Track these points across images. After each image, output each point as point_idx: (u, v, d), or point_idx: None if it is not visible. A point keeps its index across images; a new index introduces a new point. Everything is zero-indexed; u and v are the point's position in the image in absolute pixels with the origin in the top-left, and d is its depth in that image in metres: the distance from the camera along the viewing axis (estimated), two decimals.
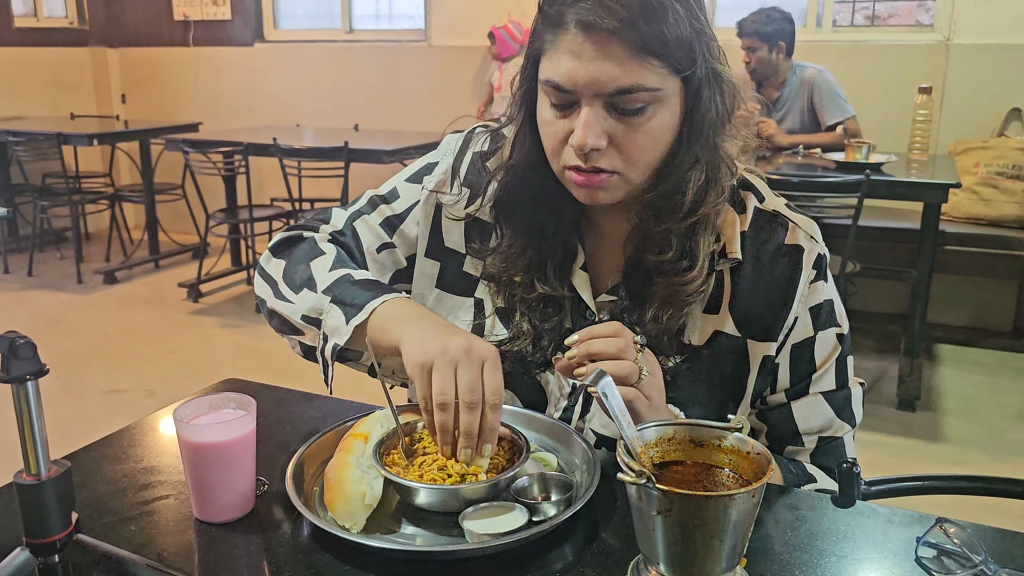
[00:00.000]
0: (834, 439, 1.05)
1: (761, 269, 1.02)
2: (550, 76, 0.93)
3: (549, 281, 1.05)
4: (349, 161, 4.32)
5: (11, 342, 0.69)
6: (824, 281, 1.03)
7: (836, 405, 1.05)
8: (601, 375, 0.79)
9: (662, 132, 0.94)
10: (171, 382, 3.67)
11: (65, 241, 6.00)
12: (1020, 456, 2.99)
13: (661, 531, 0.72)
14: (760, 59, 3.79)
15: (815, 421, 1.05)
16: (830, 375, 1.04)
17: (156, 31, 6.31)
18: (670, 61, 0.90)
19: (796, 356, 1.03)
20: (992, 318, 4.23)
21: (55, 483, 0.73)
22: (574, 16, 0.89)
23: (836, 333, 1.04)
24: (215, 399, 0.92)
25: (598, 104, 0.91)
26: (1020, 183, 3.82)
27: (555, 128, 0.95)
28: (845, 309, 1.06)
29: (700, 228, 0.99)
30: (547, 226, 1.05)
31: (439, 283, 1.14)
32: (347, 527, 0.83)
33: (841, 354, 1.04)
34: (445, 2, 5.33)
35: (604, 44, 0.89)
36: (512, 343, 1.06)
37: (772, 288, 1.01)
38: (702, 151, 0.96)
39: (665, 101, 0.92)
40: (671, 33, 0.89)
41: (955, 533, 0.82)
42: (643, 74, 0.89)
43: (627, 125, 0.92)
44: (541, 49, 0.95)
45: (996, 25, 4.06)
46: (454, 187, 1.12)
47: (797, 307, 1.01)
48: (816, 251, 1.02)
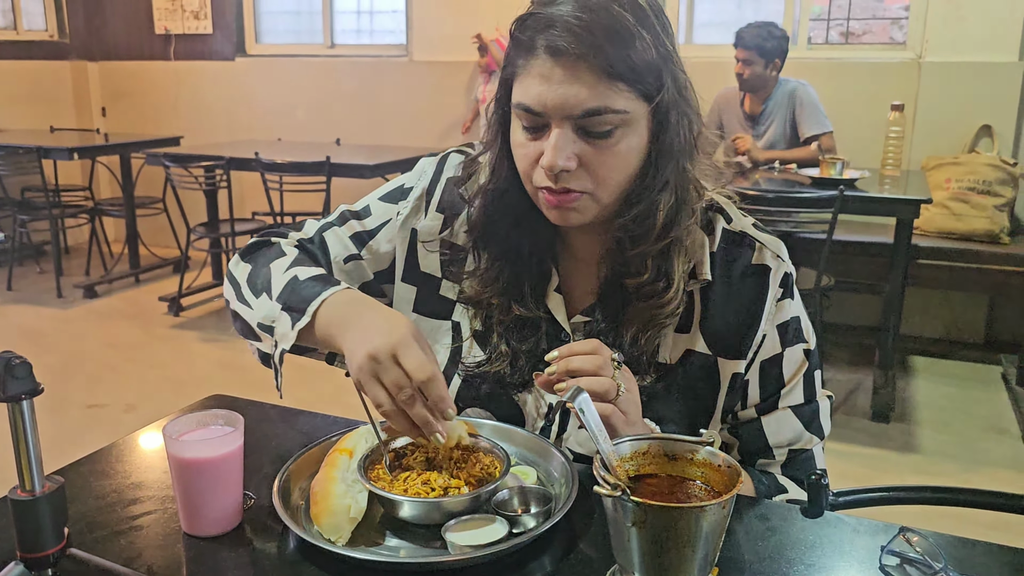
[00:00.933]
0: (804, 451, 1.09)
1: (730, 289, 1.05)
2: (521, 100, 0.96)
3: (525, 303, 1.08)
4: (331, 176, 4.34)
5: (7, 362, 0.71)
6: (791, 299, 1.06)
7: (805, 419, 1.08)
8: (579, 391, 0.82)
9: (631, 155, 0.97)
10: (152, 397, 3.67)
11: (44, 255, 5.97)
12: (990, 466, 3.05)
13: (636, 542, 0.75)
14: (755, 72, 3.85)
15: (785, 435, 1.08)
16: (798, 390, 1.08)
17: (137, 44, 6.31)
18: (638, 86, 0.94)
19: (765, 372, 1.07)
20: (964, 330, 4.31)
21: (49, 499, 0.74)
22: (544, 42, 0.93)
23: (803, 349, 1.07)
24: (203, 415, 0.94)
25: (567, 126, 0.94)
26: (990, 198, 3.90)
27: (527, 151, 0.98)
28: (820, 322, 1.11)
29: (674, 249, 1.02)
30: (523, 248, 1.08)
31: (416, 307, 1.16)
32: (333, 540, 0.86)
33: (809, 369, 1.08)
34: (426, 18, 5.38)
35: (573, 68, 0.92)
36: (490, 364, 1.09)
37: (740, 307, 1.05)
38: (671, 174, 0.99)
39: (633, 124, 0.95)
40: (638, 59, 0.93)
41: (917, 542, 0.86)
42: (611, 97, 0.93)
43: (596, 147, 0.95)
44: (513, 74, 0.99)
45: (967, 44, 4.15)
46: (428, 213, 1.15)
47: (765, 325, 1.05)
48: (783, 270, 1.05)
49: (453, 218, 1.13)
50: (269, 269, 1.08)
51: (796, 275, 1.08)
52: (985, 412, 3.52)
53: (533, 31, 0.95)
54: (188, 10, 6.05)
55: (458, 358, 1.12)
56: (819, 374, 1.10)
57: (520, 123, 0.99)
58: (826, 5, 4.80)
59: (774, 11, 4.65)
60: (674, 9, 4.82)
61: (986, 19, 4.10)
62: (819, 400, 1.09)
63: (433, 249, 1.14)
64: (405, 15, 5.48)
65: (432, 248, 1.14)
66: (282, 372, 1.02)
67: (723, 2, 4.95)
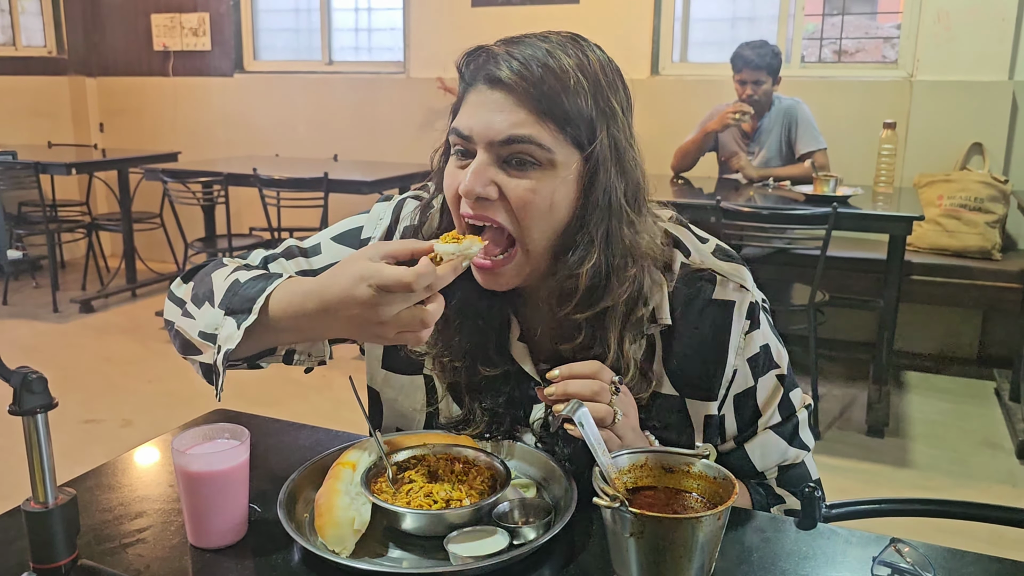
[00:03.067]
0: (794, 466, 1.10)
1: (691, 326, 1.03)
2: (455, 125, 0.98)
3: (491, 362, 1.05)
4: (328, 191, 4.37)
5: (24, 376, 0.73)
6: (758, 328, 1.04)
7: (786, 436, 1.08)
8: (579, 406, 0.85)
9: (556, 202, 0.94)
10: (149, 412, 3.67)
11: (41, 270, 5.98)
12: (984, 481, 3.07)
13: (634, 552, 0.77)
14: (765, 91, 3.88)
15: (771, 456, 1.08)
16: (776, 413, 1.08)
17: (135, 61, 6.35)
18: (568, 130, 0.93)
19: (740, 404, 1.06)
20: (957, 346, 4.34)
21: (62, 510, 0.76)
22: (483, 73, 0.95)
23: (776, 375, 1.06)
24: (209, 429, 0.96)
25: (491, 154, 0.94)
26: (982, 215, 3.95)
27: (452, 180, 0.97)
28: (814, 338, 1.12)
29: (609, 316, 0.98)
30: (480, 304, 1.04)
31: (384, 364, 1.14)
32: (337, 552, 0.88)
33: (784, 393, 1.08)
34: (424, 35, 5.43)
35: (504, 96, 0.94)
36: (469, 426, 1.07)
37: (704, 345, 1.02)
38: (598, 236, 0.95)
39: (560, 169, 0.94)
40: (571, 105, 0.93)
41: (908, 553, 0.88)
42: (538, 129, 0.92)
43: (516, 180, 0.93)
44: (458, 107, 1.00)
45: (958, 62, 4.21)
46: None
47: (734, 360, 1.03)
48: (747, 300, 1.03)
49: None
50: (210, 279, 1.05)
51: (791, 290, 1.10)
52: (978, 427, 3.54)
53: (476, 67, 0.97)
54: (187, 27, 6.10)
55: (436, 413, 1.11)
56: (796, 392, 1.09)
57: (454, 155, 0.99)
58: (819, 24, 4.87)
59: (768, 30, 4.70)
60: (669, 28, 4.88)
61: (976, 38, 4.16)
62: (798, 413, 1.09)
63: None
64: (403, 32, 5.53)
65: None
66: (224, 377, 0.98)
67: (717, 22, 5.01)
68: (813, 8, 4.76)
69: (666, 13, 4.86)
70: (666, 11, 4.85)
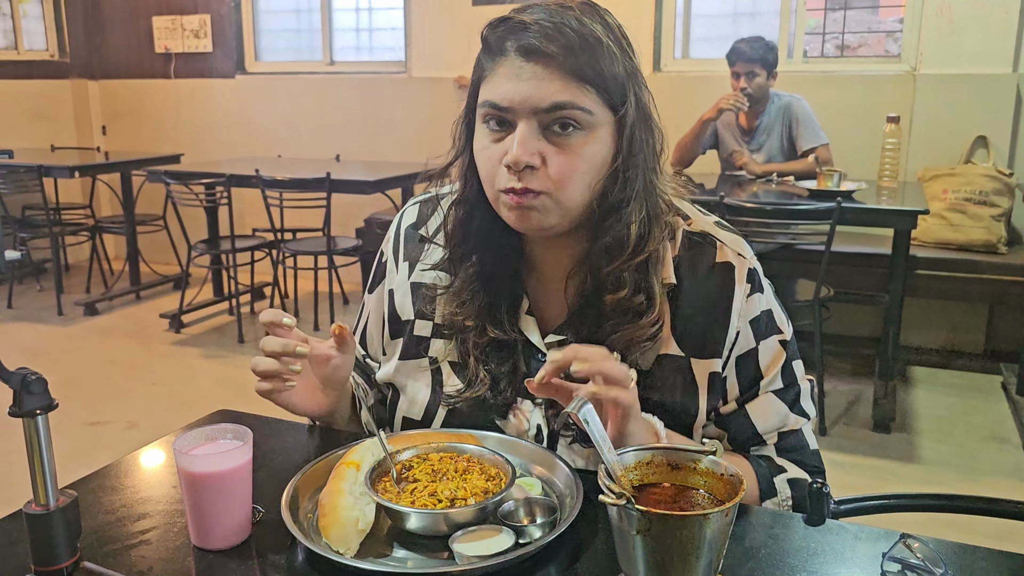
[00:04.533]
0: (793, 432, 1.09)
1: (696, 289, 1.06)
2: (489, 97, 0.98)
3: (501, 325, 1.09)
4: (331, 192, 4.36)
5: (23, 378, 0.72)
6: (760, 293, 1.07)
7: (788, 401, 1.09)
8: (583, 402, 0.84)
9: (594, 161, 0.98)
10: (154, 414, 3.67)
11: (45, 273, 5.99)
12: (991, 475, 3.06)
13: (641, 550, 0.76)
14: (759, 85, 3.88)
15: (772, 419, 1.08)
16: (778, 378, 1.09)
17: (137, 63, 6.36)
18: (603, 93, 0.97)
19: (742, 366, 1.08)
20: (963, 340, 4.32)
21: (63, 512, 0.76)
22: (515, 43, 0.97)
23: (779, 340, 1.08)
24: (212, 430, 0.95)
25: (533, 123, 0.96)
26: (987, 208, 3.93)
27: (490, 152, 0.99)
28: (819, 334, 1.12)
29: (651, 264, 1.03)
30: (495, 269, 1.09)
31: (401, 356, 1.18)
32: (341, 552, 0.87)
33: (787, 359, 1.09)
34: (425, 35, 5.42)
35: (542, 67, 0.95)
36: (470, 390, 1.09)
37: (709, 306, 1.06)
38: (640, 188, 1.01)
39: (597, 130, 0.98)
40: (606, 68, 0.96)
41: (918, 548, 0.87)
42: (577, 95, 0.95)
43: (558, 146, 0.97)
44: (481, 77, 1.01)
45: (961, 56, 4.19)
46: (399, 267, 1.19)
47: (737, 322, 1.06)
48: (746, 266, 1.07)
49: (416, 260, 1.17)
50: None
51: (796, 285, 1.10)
52: (986, 422, 3.53)
53: (504, 35, 0.98)
54: (188, 29, 6.10)
55: (439, 390, 1.13)
56: (800, 363, 1.10)
57: (485, 127, 1.00)
58: (821, 19, 4.85)
59: (770, 25, 4.69)
60: (671, 24, 4.87)
61: (980, 31, 4.14)
62: (800, 383, 1.10)
63: (406, 295, 1.17)
64: (404, 32, 5.52)
65: (405, 294, 1.17)
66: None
67: (719, 17, 4.99)
68: (815, 3, 4.74)
69: (667, 9, 4.85)
70: (667, 7, 4.84)
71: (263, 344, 1.04)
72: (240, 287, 4.98)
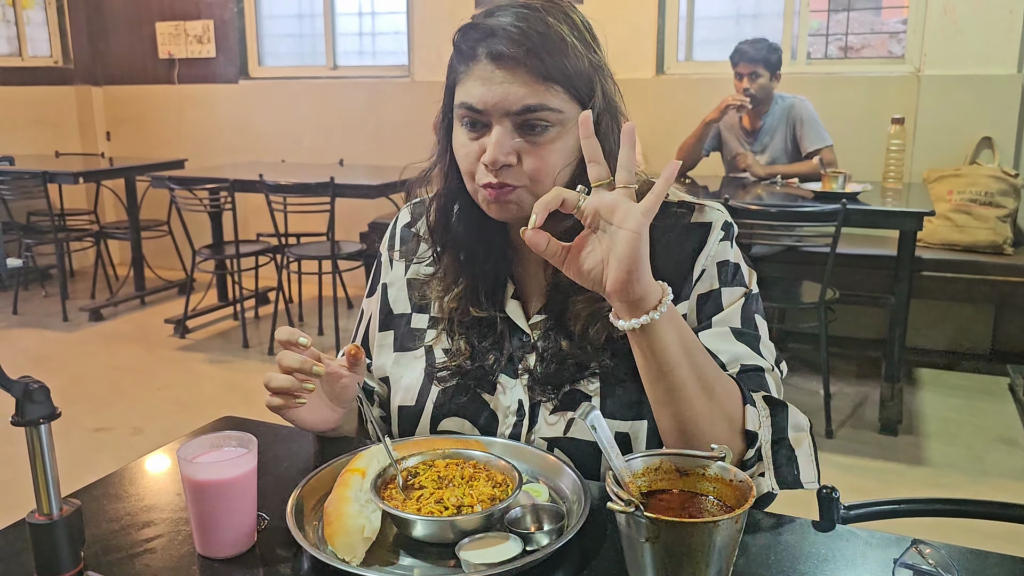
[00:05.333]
0: (756, 368, 1.05)
1: (669, 248, 1.07)
2: (464, 100, 1.04)
3: (482, 307, 1.15)
4: (335, 196, 4.36)
5: (25, 387, 0.72)
6: (731, 245, 1.10)
7: (745, 342, 1.06)
8: (590, 408, 0.83)
9: (565, 154, 1.03)
10: (159, 419, 3.67)
11: (50, 279, 6.00)
12: (999, 478, 3.04)
13: (650, 557, 0.76)
14: (761, 85, 3.87)
15: (729, 348, 1.05)
16: (735, 318, 1.07)
17: (141, 69, 6.37)
18: (571, 90, 1.02)
19: (701, 303, 1.08)
20: (970, 342, 4.31)
21: (66, 522, 0.75)
22: (484, 49, 1.02)
23: (742, 291, 1.09)
24: (216, 437, 0.95)
25: (507, 124, 1.01)
26: (992, 210, 3.91)
27: (469, 150, 1.05)
28: (824, 336, 1.11)
29: None
30: (478, 254, 1.15)
31: (396, 348, 1.23)
32: (347, 560, 0.86)
33: (746, 307, 1.08)
34: (428, 39, 5.42)
35: (512, 71, 1.00)
36: (451, 359, 1.15)
37: (682, 257, 1.09)
38: None
39: (567, 125, 1.02)
40: (571, 65, 1.01)
41: (930, 554, 0.86)
42: (547, 96, 1.00)
43: (532, 144, 1.02)
44: (456, 80, 1.06)
45: (965, 56, 4.18)
46: (393, 265, 1.25)
47: (704, 260, 1.08)
48: (723, 219, 1.11)
49: (412, 257, 1.24)
50: None
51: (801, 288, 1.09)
52: (993, 423, 3.51)
53: (474, 40, 1.03)
54: (191, 34, 6.11)
55: (432, 371, 1.17)
56: (762, 323, 1.09)
57: (461, 126, 1.06)
58: (824, 20, 4.84)
59: (773, 27, 4.68)
60: (674, 26, 4.86)
61: (984, 32, 4.13)
62: (762, 336, 1.08)
63: (402, 290, 1.24)
64: (407, 36, 5.53)
65: (401, 289, 1.24)
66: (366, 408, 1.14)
67: (722, 19, 4.98)
68: (818, 4, 4.73)
69: (670, 12, 4.84)
70: (670, 10, 4.84)
71: (280, 359, 1.05)
72: (244, 292, 4.98)
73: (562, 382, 1.09)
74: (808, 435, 1.05)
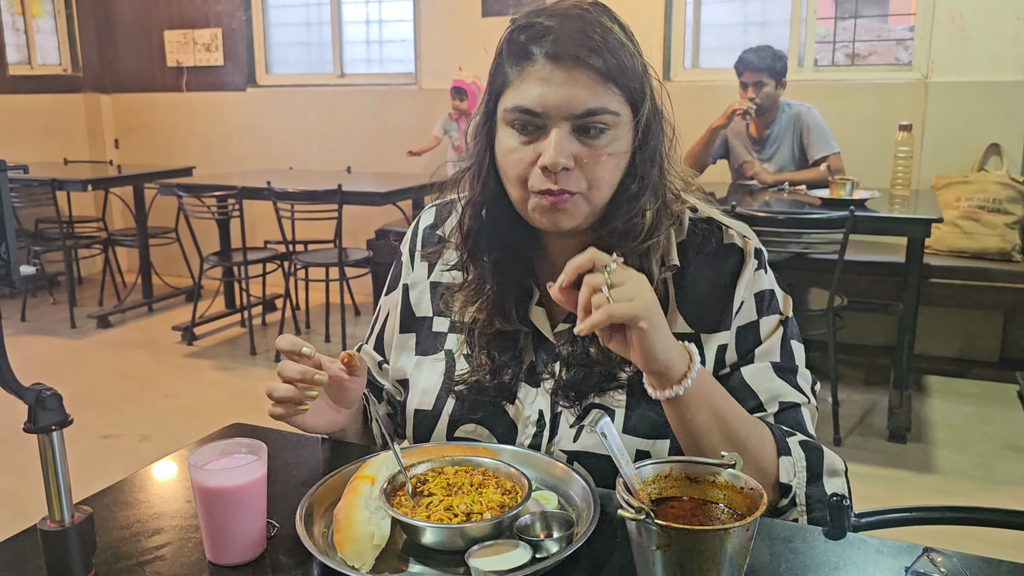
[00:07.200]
0: (793, 405, 1.07)
1: (703, 268, 1.08)
2: (519, 103, 0.99)
3: (508, 317, 1.12)
4: (342, 203, 4.37)
5: (38, 394, 0.72)
6: (765, 272, 1.10)
7: (785, 376, 1.07)
8: (600, 416, 0.83)
9: (619, 157, 1.02)
10: (166, 426, 3.68)
11: (58, 286, 6.02)
12: (1009, 485, 3.02)
13: (660, 565, 0.75)
14: (767, 94, 3.87)
15: (770, 385, 1.06)
16: (775, 351, 1.08)
17: (149, 77, 6.40)
18: (626, 90, 1.00)
19: (741, 336, 1.08)
20: (978, 349, 4.29)
21: (78, 529, 0.75)
22: (541, 49, 0.98)
23: (778, 319, 1.09)
24: (226, 444, 0.95)
25: (566, 127, 0.98)
26: (1001, 216, 3.90)
27: (520, 155, 1.01)
28: (833, 343, 1.11)
29: (652, 251, 1.05)
30: (506, 263, 1.12)
31: (417, 351, 1.21)
32: (357, 567, 0.86)
33: (785, 335, 1.09)
34: (434, 46, 5.44)
35: (571, 71, 0.97)
36: (471, 375, 1.13)
37: (717, 283, 1.08)
38: (655, 178, 1.04)
39: (622, 128, 1.01)
40: (628, 67, 0.99)
41: (942, 562, 0.86)
42: (607, 98, 0.98)
43: (590, 148, 0.99)
44: (505, 82, 1.02)
45: (972, 63, 4.17)
46: (415, 265, 1.23)
47: (743, 292, 1.08)
48: (753, 246, 1.10)
49: (436, 260, 1.21)
50: None
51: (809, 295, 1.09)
52: (1002, 431, 3.49)
53: (527, 39, 1.00)
54: (200, 43, 6.14)
55: (450, 379, 1.15)
56: (799, 348, 1.10)
57: (510, 130, 1.02)
58: (831, 27, 4.84)
59: (780, 34, 4.68)
60: (680, 34, 4.86)
61: (992, 38, 4.12)
62: (798, 364, 1.09)
63: (424, 292, 1.21)
64: (413, 44, 5.54)
65: (424, 292, 1.21)
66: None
67: (728, 27, 4.99)
68: (824, 12, 4.73)
69: (677, 19, 4.84)
70: (677, 17, 4.84)
71: (281, 369, 1.04)
72: (252, 299, 4.99)
73: (587, 390, 1.07)
74: (844, 478, 1.05)
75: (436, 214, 1.24)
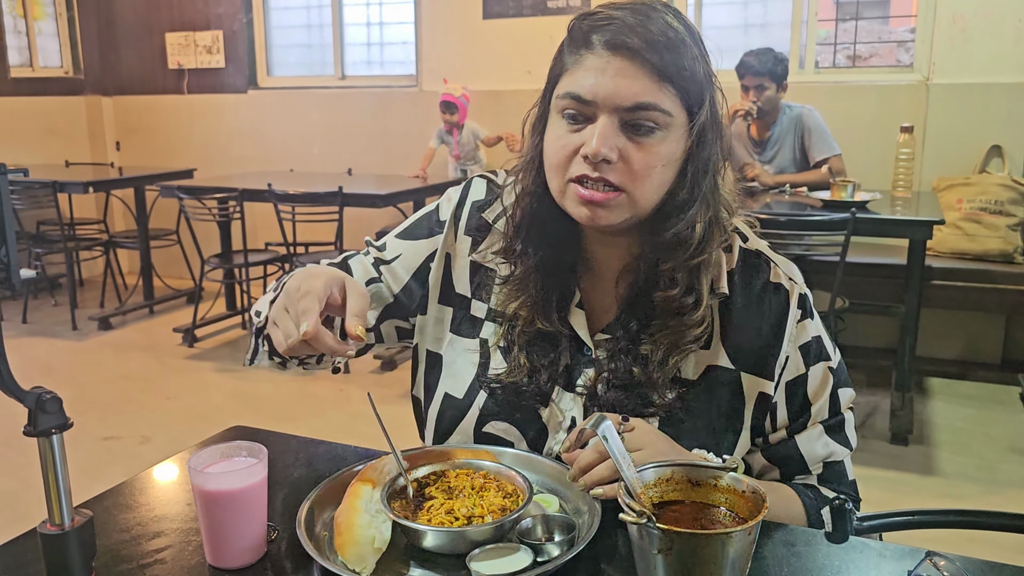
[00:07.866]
0: (837, 463, 1.10)
1: (750, 304, 1.06)
2: (571, 89, 0.98)
3: (549, 317, 1.09)
4: (343, 205, 4.37)
5: (38, 397, 0.72)
6: (810, 319, 1.08)
7: (834, 432, 1.10)
8: (602, 419, 0.83)
9: (669, 161, 0.98)
10: (167, 428, 3.67)
11: (59, 288, 6.02)
12: (1011, 488, 3.02)
13: (662, 569, 0.75)
14: (768, 97, 3.87)
15: (819, 451, 1.09)
16: (825, 407, 1.09)
17: (150, 79, 6.40)
18: (683, 93, 0.97)
19: (791, 393, 1.07)
20: (980, 351, 4.28)
21: (78, 532, 0.75)
22: (601, 37, 0.97)
23: (827, 367, 1.08)
24: (227, 447, 0.94)
25: (615, 119, 0.96)
26: (1003, 218, 3.90)
27: (565, 142, 0.99)
28: (835, 344, 1.11)
29: (704, 267, 1.03)
30: (553, 263, 1.09)
31: (452, 327, 1.17)
32: (357, 571, 0.86)
33: (833, 386, 1.09)
34: (435, 48, 5.44)
35: (628, 62, 0.95)
36: (508, 375, 1.10)
37: (762, 322, 1.06)
38: (707, 190, 1.01)
39: (673, 131, 0.98)
40: (688, 67, 0.97)
41: (944, 566, 0.85)
42: (660, 95, 0.96)
43: (637, 144, 0.97)
44: (563, 69, 1.01)
45: (974, 65, 4.17)
46: (459, 236, 1.17)
47: (787, 346, 1.06)
48: (797, 291, 1.07)
49: (480, 240, 1.16)
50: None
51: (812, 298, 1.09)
52: (1004, 433, 3.48)
53: (590, 27, 0.98)
54: (201, 45, 6.15)
55: (484, 373, 1.13)
56: (846, 391, 1.11)
57: (560, 118, 1.00)
58: (832, 29, 4.84)
59: (781, 36, 4.68)
60: None
61: (993, 40, 4.12)
62: (844, 413, 1.11)
63: (464, 269, 1.17)
64: (415, 46, 5.54)
65: (464, 269, 1.17)
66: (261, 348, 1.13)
67: (729, 29, 4.98)
68: (825, 14, 4.73)
69: None
70: None
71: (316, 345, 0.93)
72: (253, 301, 4.99)
73: (623, 411, 1.04)
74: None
75: (487, 191, 1.18)
